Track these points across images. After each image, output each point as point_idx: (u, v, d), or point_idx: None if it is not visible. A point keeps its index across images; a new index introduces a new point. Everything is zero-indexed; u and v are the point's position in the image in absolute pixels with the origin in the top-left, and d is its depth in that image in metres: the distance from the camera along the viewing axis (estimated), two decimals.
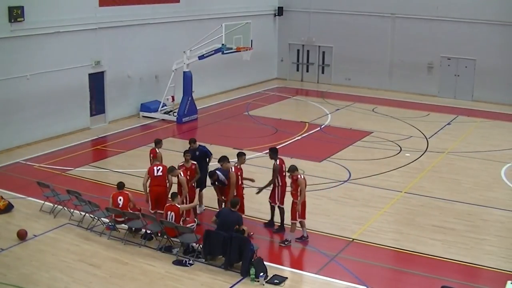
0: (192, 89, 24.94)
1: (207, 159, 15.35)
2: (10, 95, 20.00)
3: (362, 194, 16.84)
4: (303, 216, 13.58)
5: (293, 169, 13.54)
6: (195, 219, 14.23)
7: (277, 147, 21.07)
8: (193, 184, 14.49)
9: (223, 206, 14.57)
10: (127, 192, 13.94)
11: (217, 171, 14.19)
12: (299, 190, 13.34)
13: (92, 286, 11.71)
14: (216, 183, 14.18)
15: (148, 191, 14.19)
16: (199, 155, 15.06)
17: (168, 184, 14.20)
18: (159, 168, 14.19)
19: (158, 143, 15.63)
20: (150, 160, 15.31)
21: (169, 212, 13.09)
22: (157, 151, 15.36)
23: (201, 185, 15.00)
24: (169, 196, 13.62)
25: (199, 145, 15.41)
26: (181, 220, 13.09)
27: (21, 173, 18.19)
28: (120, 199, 13.75)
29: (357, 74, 32.11)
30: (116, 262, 12.68)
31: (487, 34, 28.48)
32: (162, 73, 25.68)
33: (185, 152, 14.54)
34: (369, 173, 18.46)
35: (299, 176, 13.42)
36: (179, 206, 13.12)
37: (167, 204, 13.33)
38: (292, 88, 32.26)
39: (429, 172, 18.82)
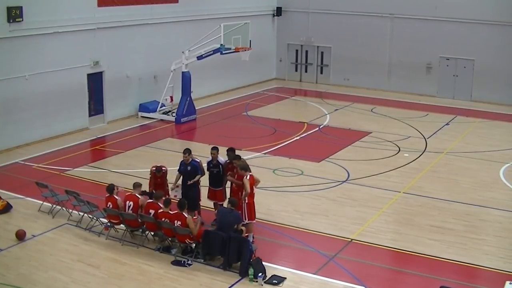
0: (190, 89, 24.93)
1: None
2: (8, 95, 19.99)
3: (361, 194, 16.84)
4: (250, 217, 13.48)
5: (242, 167, 13.50)
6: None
7: (277, 147, 21.36)
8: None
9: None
10: (116, 197, 13.82)
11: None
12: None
13: (90, 286, 11.71)
14: (212, 168, 14.26)
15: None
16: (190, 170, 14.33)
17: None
18: None
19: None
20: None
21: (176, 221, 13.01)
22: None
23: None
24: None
25: (193, 159, 14.42)
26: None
27: (19, 173, 18.18)
28: (109, 205, 13.74)
29: (355, 74, 32.10)
30: (114, 262, 12.68)
31: (486, 35, 28.50)
32: (160, 73, 25.66)
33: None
34: (368, 173, 18.47)
35: (244, 177, 13.37)
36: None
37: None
38: (291, 88, 32.26)
39: (428, 172, 18.83)
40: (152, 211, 13.23)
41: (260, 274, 11.87)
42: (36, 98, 20.90)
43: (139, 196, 13.67)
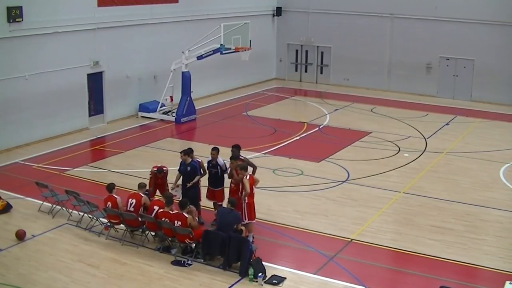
0: (190, 89, 24.93)
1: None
2: (8, 95, 19.98)
3: (361, 194, 16.84)
4: (250, 217, 13.44)
5: (242, 167, 13.48)
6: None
7: (277, 147, 21.36)
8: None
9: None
10: (115, 196, 13.83)
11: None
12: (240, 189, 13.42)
13: (90, 286, 11.71)
14: (211, 168, 14.27)
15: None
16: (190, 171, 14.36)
17: None
18: None
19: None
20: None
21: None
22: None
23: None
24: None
25: (192, 160, 14.44)
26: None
27: (19, 173, 18.17)
28: (108, 204, 13.74)
29: (355, 74, 32.10)
30: (114, 262, 12.68)
31: (486, 35, 28.49)
32: (160, 73, 25.66)
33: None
34: (368, 173, 18.46)
35: (244, 177, 13.33)
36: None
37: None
38: (291, 88, 32.26)
39: (428, 172, 18.83)
40: (156, 208, 13.25)
41: (260, 274, 11.86)
42: (36, 98, 20.89)
43: (143, 195, 13.67)
